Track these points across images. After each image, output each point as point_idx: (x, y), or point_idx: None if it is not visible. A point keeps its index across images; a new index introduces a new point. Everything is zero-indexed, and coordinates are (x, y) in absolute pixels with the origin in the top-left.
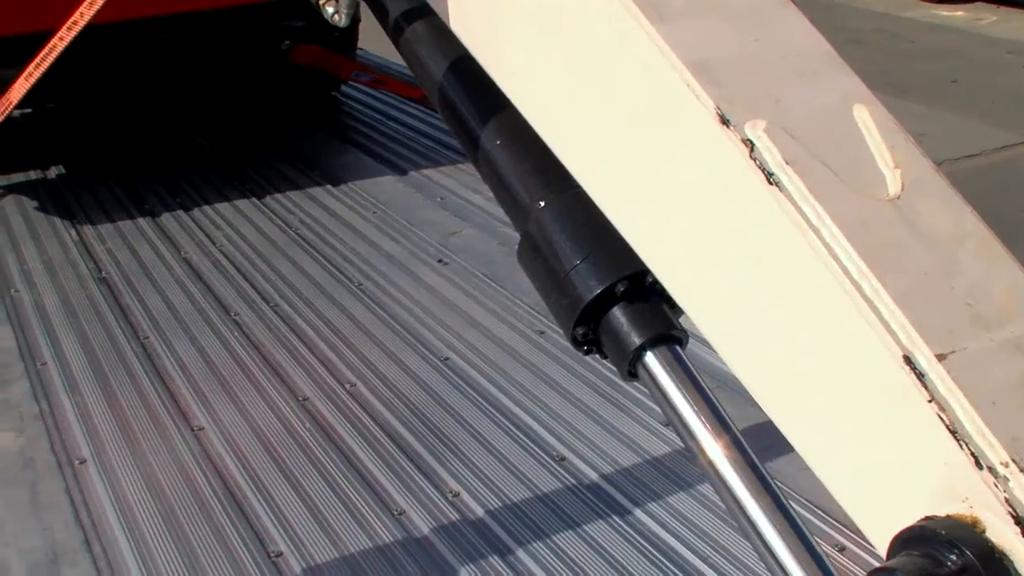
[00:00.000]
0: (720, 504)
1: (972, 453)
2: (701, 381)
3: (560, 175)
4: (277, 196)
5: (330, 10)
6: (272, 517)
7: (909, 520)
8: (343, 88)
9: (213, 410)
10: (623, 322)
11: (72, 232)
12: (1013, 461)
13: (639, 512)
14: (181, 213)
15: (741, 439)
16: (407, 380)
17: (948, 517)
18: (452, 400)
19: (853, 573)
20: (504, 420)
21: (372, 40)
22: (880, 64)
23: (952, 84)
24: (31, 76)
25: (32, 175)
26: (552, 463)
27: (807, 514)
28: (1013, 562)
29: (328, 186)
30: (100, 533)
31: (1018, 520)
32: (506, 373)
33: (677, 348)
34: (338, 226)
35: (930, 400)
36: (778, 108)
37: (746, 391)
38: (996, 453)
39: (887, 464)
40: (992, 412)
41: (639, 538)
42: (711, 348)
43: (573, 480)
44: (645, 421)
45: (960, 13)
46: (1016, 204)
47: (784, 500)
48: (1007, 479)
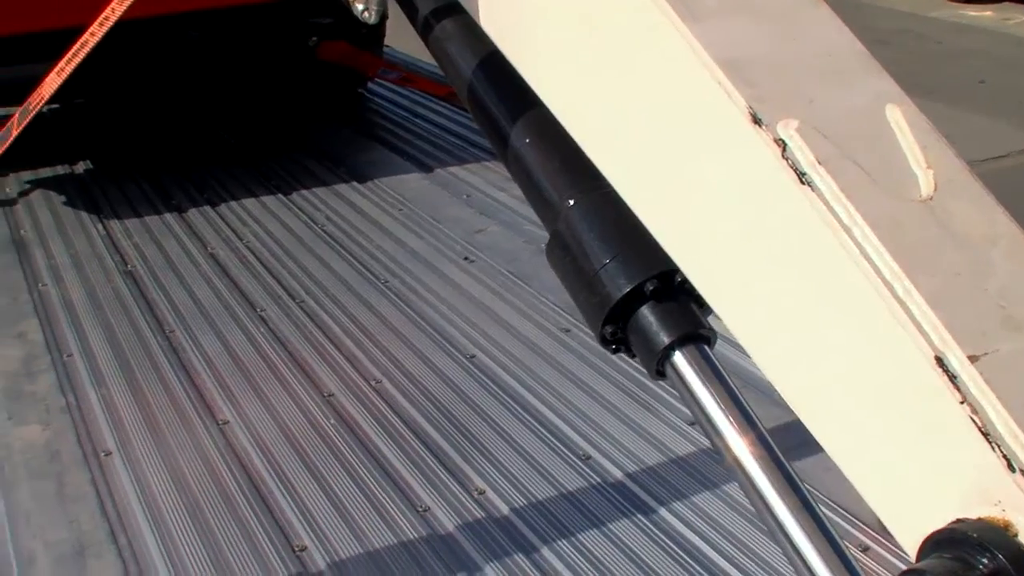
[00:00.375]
0: (746, 504)
1: (1004, 455)
2: (729, 380)
3: (589, 174)
4: (304, 192)
5: (360, 7)
6: (296, 511)
7: (940, 522)
8: (370, 85)
9: (238, 404)
10: (652, 321)
11: (99, 226)
12: None
13: (664, 511)
14: (208, 208)
15: (768, 439)
16: (433, 377)
17: (980, 520)
18: (478, 397)
19: (877, 574)
20: (529, 418)
21: (399, 37)
22: (906, 65)
23: (979, 85)
24: (63, 71)
25: (60, 170)
26: (577, 461)
27: (831, 514)
28: None
29: (354, 183)
30: (125, 525)
31: None
32: (532, 371)
33: (705, 347)
34: (364, 223)
35: (962, 402)
36: (810, 108)
37: (771, 391)
38: None
39: (918, 466)
40: None
41: (664, 537)
42: (736, 348)
43: (598, 479)
44: (671, 420)
45: (988, 13)
46: None
47: (811, 500)
48: None
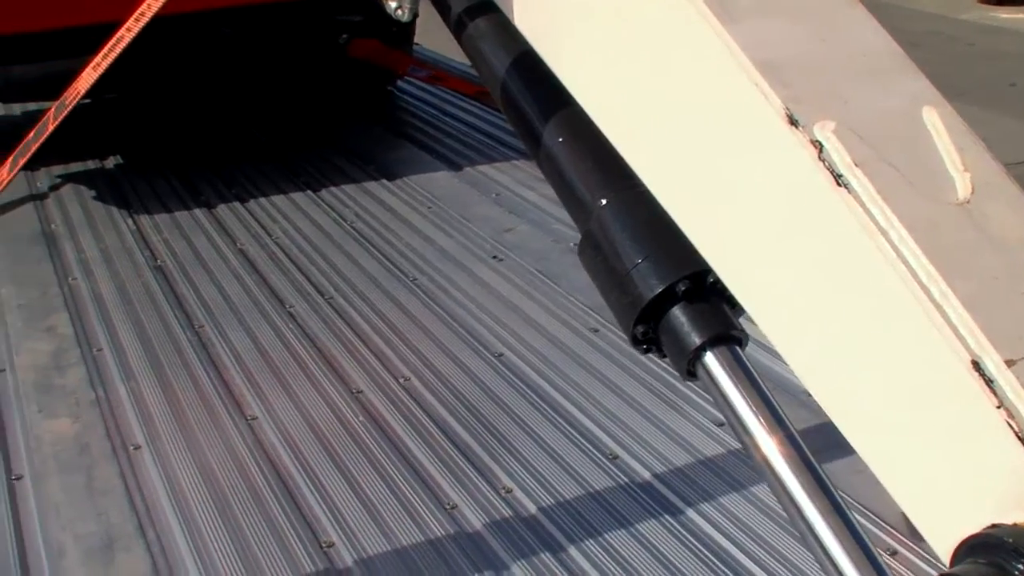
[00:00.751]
0: (773, 506)
1: None
2: (760, 382)
3: (622, 173)
4: (332, 190)
5: (393, 4)
6: (324, 507)
7: (974, 527)
8: (399, 83)
9: (267, 400)
10: (683, 321)
11: (129, 221)
12: None
13: (692, 512)
14: (237, 205)
15: (799, 441)
16: (461, 375)
17: (1015, 525)
18: (506, 396)
19: None
20: (557, 417)
21: (428, 35)
22: (937, 67)
23: (1011, 88)
24: (99, 66)
25: (90, 165)
26: (605, 461)
27: (859, 517)
28: None
29: (384, 180)
30: (154, 519)
31: None
32: (560, 370)
33: (737, 348)
34: (393, 220)
35: (998, 406)
36: (847, 109)
37: (799, 393)
38: None
39: (953, 470)
40: None
41: (691, 538)
42: (763, 349)
43: (626, 479)
44: (699, 421)
45: (1021, 16)
46: None
47: (842, 504)
48: None
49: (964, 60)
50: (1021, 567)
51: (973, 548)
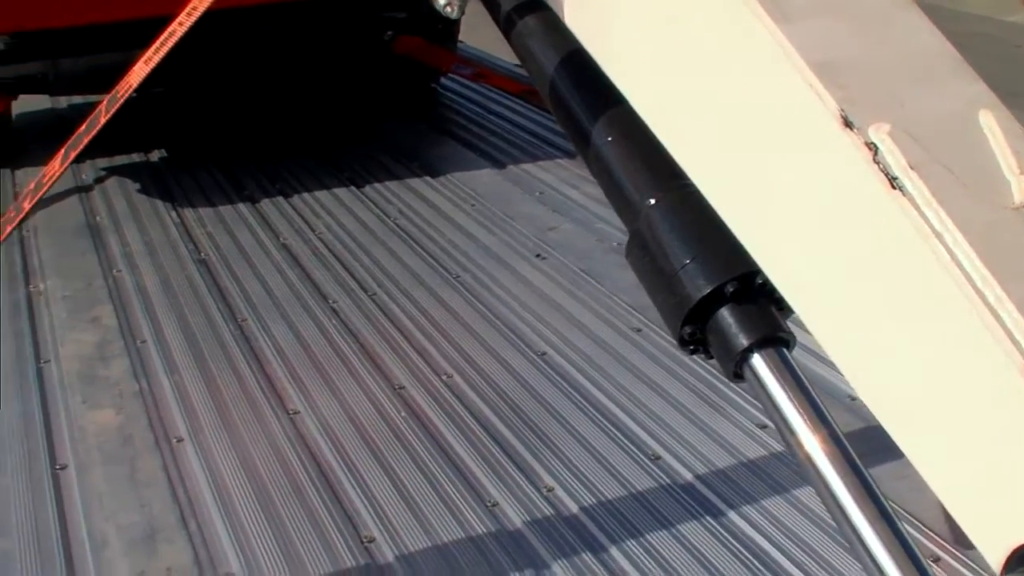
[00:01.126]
0: (816, 510)
1: None
2: (808, 385)
3: (671, 173)
4: (376, 186)
5: (442, 1)
6: (365, 503)
7: None
8: (443, 80)
9: (309, 395)
10: (731, 323)
11: (173, 214)
12: None
13: (733, 514)
14: (280, 199)
15: (847, 445)
16: (503, 373)
17: None
18: (548, 395)
19: None
20: (600, 417)
21: (472, 33)
22: (985, 68)
23: None
24: (151, 60)
25: (135, 158)
26: (647, 461)
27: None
28: None
29: (427, 177)
30: (196, 511)
31: None
32: (603, 370)
33: (784, 351)
34: (436, 217)
35: None
36: (902, 111)
37: (842, 397)
38: None
39: (1005, 476)
40: None
41: (733, 540)
42: (809, 353)
43: (668, 479)
44: (741, 423)
45: None
46: None
47: (889, 510)
48: None
49: (1013, 62)
50: None
51: None
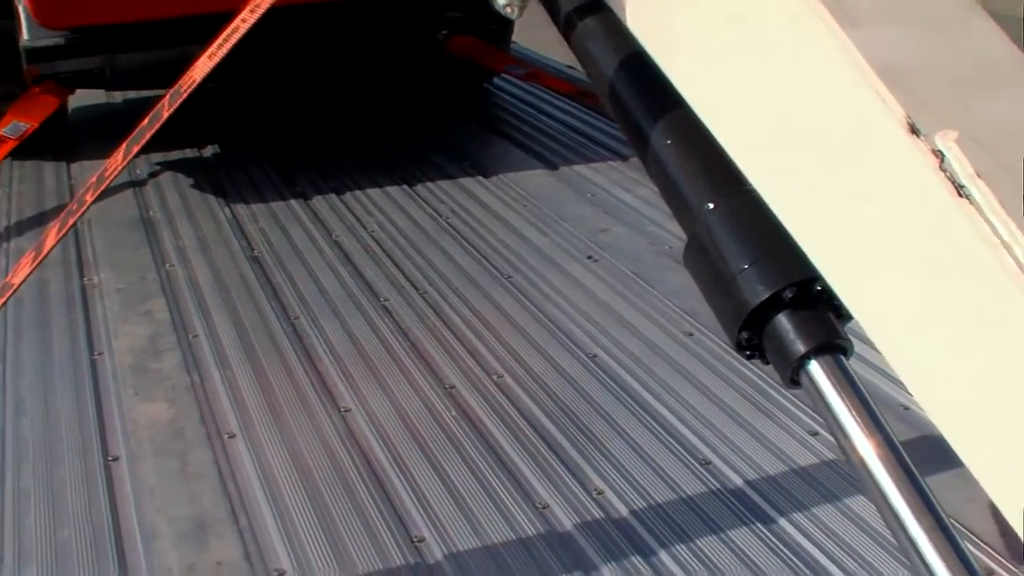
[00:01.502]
0: (867, 519)
1: None
2: (865, 392)
3: (730, 177)
4: (428, 184)
5: (501, 2)
6: (415, 502)
7: None
8: (495, 80)
9: (360, 392)
10: (788, 329)
11: (226, 210)
12: None
13: (784, 521)
14: (332, 196)
15: (904, 454)
16: (554, 374)
17: None
18: (599, 397)
19: None
20: (650, 420)
21: (525, 33)
22: None
23: None
24: (214, 56)
25: (188, 153)
26: (697, 466)
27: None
28: None
29: (479, 177)
30: (247, 506)
31: None
32: (653, 373)
33: (842, 358)
34: (488, 217)
35: None
36: (970, 118)
37: (895, 407)
38: None
39: None
40: None
41: (783, 547)
42: (860, 361)
43: (718, 484)
44: (793, 430)
45: None
46: None
47: (946, 520)
48: None
49: None
50: None
51: None
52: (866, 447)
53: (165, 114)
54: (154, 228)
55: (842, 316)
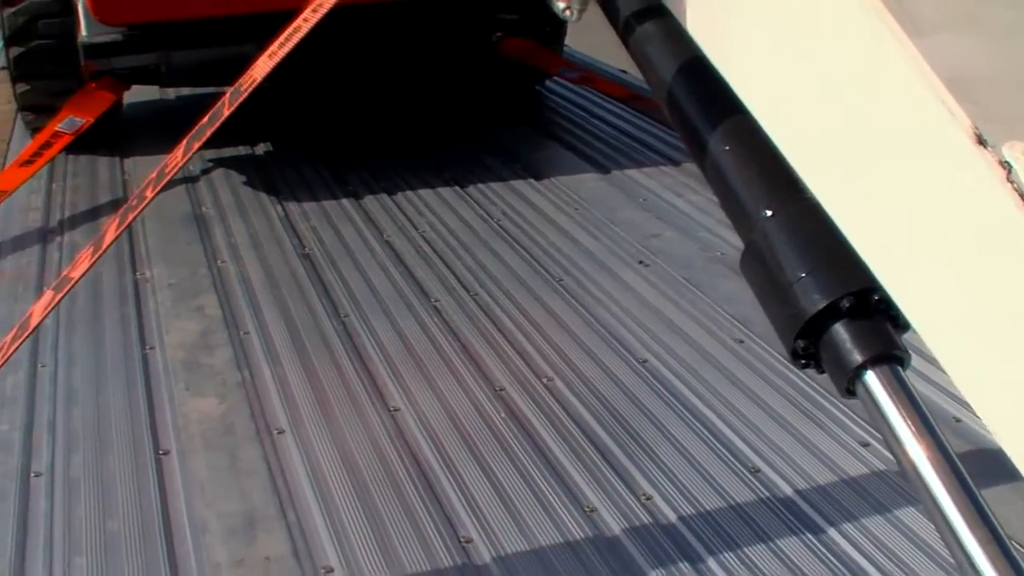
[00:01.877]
0: (919, 532)
1: None
2: (922, 404)
3: (788, 184)
4: (479, 186)
5: (561, 5)
6: (464, 503)
7: None
8: (546, 83)
9: (410, 392)
10: (846, 338)
11: (278, 208)
12: None
13: (833, 532)
14: (384, 196)
15: (961, 467)
16: (604, 379)
17: None
18: (648, 402)
19: None
20: (700, 427)
21: (577, 36)
22: None
23: None
24: (274, 55)
25: (241, 150)
26: (746, 473)
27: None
28: None
29: (530, 179)
30: (295, 503)
31: None
32: (704, 380)
33: (899, 368)
34: (539, 220)
35: None
36: None
37: (949, 420)
38: None
39: None
40: None
41: (832, 558)
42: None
43: (767, 493)
44: (844, 440)
45: None
46: None
47: (1003, 534)
48: None
49: None
50: None
51: None
52: (922, 458)
53: (225, 112)
54: (206, 224)
55: (899, 326)
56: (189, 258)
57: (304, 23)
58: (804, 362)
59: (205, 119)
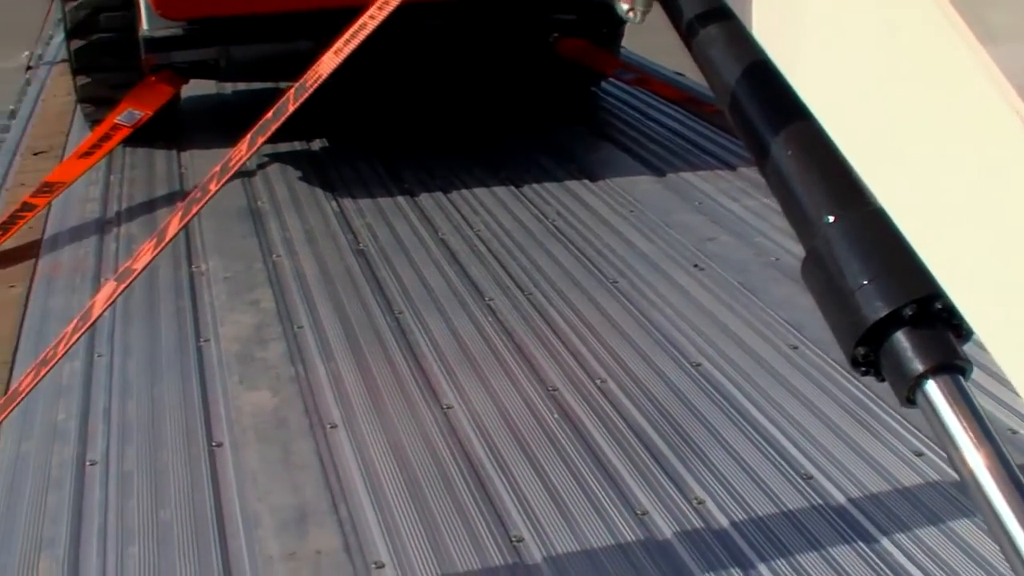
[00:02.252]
0: (973, 544)
1: None
2: (983, 415)
3: (851, 191)
4: (534, 186)
5: (624, 6)
6: (515, 502)
7: None
8: (602, 84)
9: (463, 390)
10: (907, 347)
11: (333, 204)
12: None
13: (886, 541)
14: (439, 194)
15: (1021, 478)
16: (657, 381)
17: None
18: (701, 406)
19: None
20: (753, 432)
21: (634, 38)
22: None
23: None
24: (340, 52)
25: (296, 146)
26: (799, 480)
27: None
28: None
29: (585, 180)
30: (347, 498)
31: None
32: (757, 385)
33: (960, 378)
34: (594, 221)
35: None
36: None
37: (1005, 431)
38: None
39: None
40: None
41: (885, 567)
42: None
43: (820, 500)
44: (898, 449)
45: None
46: None
47: None
48: None
49: None
50: None
51: None
52: (982, 469)
53: (290, 108)
54: (262, 219)
55: (961, 335)
56: (244, 252)
57: (370, 20)
58: (864, 369)
59: (270, 114)
